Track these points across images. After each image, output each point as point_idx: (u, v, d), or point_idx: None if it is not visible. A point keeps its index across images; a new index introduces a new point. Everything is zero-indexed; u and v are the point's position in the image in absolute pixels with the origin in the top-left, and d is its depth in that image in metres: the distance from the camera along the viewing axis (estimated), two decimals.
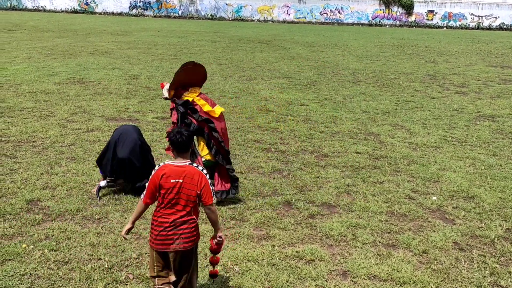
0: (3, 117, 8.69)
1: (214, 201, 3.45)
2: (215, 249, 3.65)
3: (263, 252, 4.59)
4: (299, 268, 4.37)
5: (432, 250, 4.79)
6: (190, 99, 5.46)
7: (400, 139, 8.42)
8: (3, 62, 14.20)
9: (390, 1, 39.01)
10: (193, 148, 5.34)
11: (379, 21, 39.54)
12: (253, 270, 4.30)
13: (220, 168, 5.65)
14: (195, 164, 3.43)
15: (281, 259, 4.51)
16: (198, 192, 3.36)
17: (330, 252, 4.68)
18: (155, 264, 3.46)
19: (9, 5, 39.64)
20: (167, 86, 5.56)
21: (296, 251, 4.63)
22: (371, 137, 8.48)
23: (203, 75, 5.62)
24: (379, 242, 4.91)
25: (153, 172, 3.38)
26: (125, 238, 3.62)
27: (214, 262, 3.73)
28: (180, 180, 3.32)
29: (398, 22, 39.56)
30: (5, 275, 4.06)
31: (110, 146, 5.70)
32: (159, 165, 3.41)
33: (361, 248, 4.77)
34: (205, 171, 3.43)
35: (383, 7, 39.41)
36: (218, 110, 5.56)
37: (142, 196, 3.44)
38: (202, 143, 5.55)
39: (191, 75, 5.48)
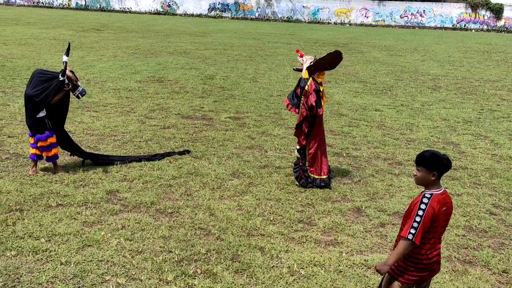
0: (89, 111, 9.28)
1: None
2: None
3: (330, 258, 4.52)
4: (367, 277, 4.25)
5: None
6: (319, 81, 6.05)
7: (483, 150, 7.93)
8: (91, 60, 15.17)
9: (477, 4, 36.93)
10: None
11: (464, 25, 37.57)
12: (319, 275, 4.25)
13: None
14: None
15: (349, 266, 4.41)
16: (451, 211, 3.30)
17: None
18: None
19: (98, 6, 42.33)
20: (308, 60, 5.99)
21: (365, 260, 4.51)
22: (450, 147, 8.07)
23: (335, 65, 6.14)
24: (455, 257, 4.66)
25: (423, 207, 3.10)
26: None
27: None
28: (446, 208, 3.21)
29: (485, 27, 37.36)
30: (84, 260, 4.33)
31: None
32: (427, 198, 3.13)
33: None
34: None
35: (469, 10, 37.41)
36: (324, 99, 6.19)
37: (412, 236, 3.07)
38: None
39: (333, 63, 6.03)
